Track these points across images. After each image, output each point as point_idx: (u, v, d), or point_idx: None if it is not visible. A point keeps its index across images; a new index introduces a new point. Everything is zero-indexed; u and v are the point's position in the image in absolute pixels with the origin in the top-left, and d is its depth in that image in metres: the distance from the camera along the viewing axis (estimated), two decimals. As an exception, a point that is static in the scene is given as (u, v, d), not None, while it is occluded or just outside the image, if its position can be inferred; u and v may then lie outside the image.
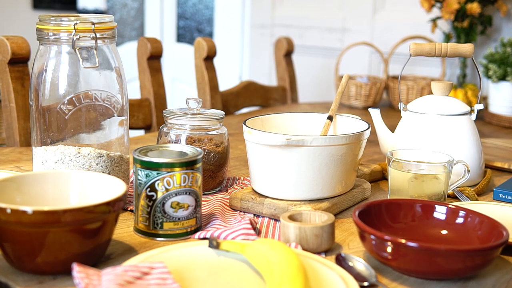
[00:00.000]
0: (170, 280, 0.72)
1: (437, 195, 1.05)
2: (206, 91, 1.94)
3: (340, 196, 1.04)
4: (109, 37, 1.00)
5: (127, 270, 0.73)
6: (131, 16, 4.01)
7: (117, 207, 0.79)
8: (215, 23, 3.41)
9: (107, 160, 1.01)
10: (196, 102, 1.13)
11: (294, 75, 2.33)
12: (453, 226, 0.90)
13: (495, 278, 0.83)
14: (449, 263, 0.78)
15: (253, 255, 0.78)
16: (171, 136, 1.12)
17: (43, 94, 0.99)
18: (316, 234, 0.87)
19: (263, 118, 1.13)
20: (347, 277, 0.76)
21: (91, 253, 0.79)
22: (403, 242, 0.78)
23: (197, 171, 0.91)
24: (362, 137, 1.03)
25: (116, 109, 1.02)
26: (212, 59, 1.97)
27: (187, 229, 0.91)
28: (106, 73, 1.01)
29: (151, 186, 0.89)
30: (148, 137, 1.58)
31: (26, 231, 0.74)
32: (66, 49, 0.98)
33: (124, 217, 0.99)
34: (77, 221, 0.75)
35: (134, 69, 1.90)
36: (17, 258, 0.77)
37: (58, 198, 0.87)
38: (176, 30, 3.66)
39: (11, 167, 1.23)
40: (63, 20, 0.97)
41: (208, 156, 1.10)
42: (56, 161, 1.00)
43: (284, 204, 1.00)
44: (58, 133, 1.00)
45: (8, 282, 0.76)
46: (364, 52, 2.63)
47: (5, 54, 1.39)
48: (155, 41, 1.78)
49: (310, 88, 2.85)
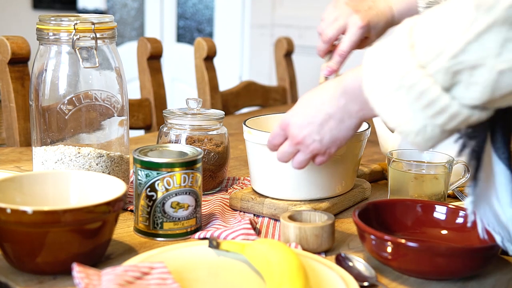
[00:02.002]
0: (170, 280, 0.72)
1: (437, 195, 1.05)
2: (206, 91, 1.94)
3: (340, 196, 1.04)
4: (109, 37, 1.00)
5: (127, 270, 0.73)
6: (131, 16, 4.01)
7: (117, 207, 0.79)
8: (215, 23, 3.42)
9: (107, 160, 1.01)
10: (196, 102, 1.13)
11: (294, 75, 2.33)
12: (453, 226, 0.90)
13: (495, 278, 0.83)
14: (449, 263, 0.78)
15: (253, 255, 0.78)
16: (171, 136, 1.12)
17: (43, 94, 0.99)
18: (316, 234, 0.87)
19: (263, 118, 1.13)
20: (347, 277, 0.76)
21: (91, 253, 0.79)
22: (403, 242, 0.78)
23: (197, 171, 0.91)
24: (362, 137, 1.03)
25: (116, 109, 1.02)
26: (212, 59, 1.97)
27: (187, 229, 0.91)
28: (106, 73, 1.01)
29: (151, 186, 0.89)
30: (148, 137, 1.58)
31: (26, 231, 0.74)
32: (66, 49, 0.98)
33: (124, 217, 0.99)
34: (77, 221, 0.75)
35: (134, 69, 1.90)
36: (17, 258, 0.77)
37: (58, 198, 0.87)
38: (176, 30, 3.66)
39: (11, 167, 1.23)
40: (63, 20, 0.97)
41: (208, 156, 1.10)
42: (56, 161, 1.00)
43: (284, 204, 1.00)
44: (58, 133, 1.00)
45: (8, 282, 0.76)
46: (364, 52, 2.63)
47: (5, 54, 1.39)
48: (155, 41, 1.78)
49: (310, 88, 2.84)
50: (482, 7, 0.60)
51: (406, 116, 0.67)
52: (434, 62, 0.64)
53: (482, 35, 0.60)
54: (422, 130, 0.67)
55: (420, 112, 0.66)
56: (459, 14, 0.62)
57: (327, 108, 0.81)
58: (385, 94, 0.68)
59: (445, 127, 0.67)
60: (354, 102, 0.78)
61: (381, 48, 0.70)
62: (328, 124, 0.82)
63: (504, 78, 0.61)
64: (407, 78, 0.66)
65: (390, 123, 0.69)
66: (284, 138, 0.89)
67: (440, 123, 0.66)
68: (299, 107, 0.86)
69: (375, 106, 0.70)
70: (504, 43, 0.60)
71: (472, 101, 0.64)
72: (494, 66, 0.61)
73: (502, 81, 0.62)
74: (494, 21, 0.59)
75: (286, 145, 0.88)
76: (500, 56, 0.60)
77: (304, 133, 0.84)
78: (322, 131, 0.83)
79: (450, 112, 0.65)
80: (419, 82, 0.65)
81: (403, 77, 0.66)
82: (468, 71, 0.62)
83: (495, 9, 0.59)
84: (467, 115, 0.65)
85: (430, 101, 0.65)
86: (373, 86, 0.70)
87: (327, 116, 0.82)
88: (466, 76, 0.63)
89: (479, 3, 0.60)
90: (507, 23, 0.59)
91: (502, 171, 0.74)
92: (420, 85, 0.65)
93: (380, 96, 0.69)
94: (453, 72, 0.63)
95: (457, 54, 0.62)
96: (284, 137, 0.89)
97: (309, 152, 0.86)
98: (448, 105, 0.65)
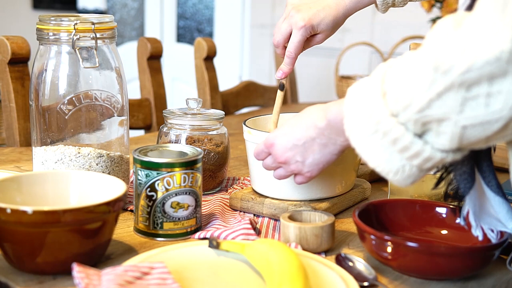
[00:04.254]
0: (170, 280, 0.72)
1: (437, 195, 1.05)
2: (206, 91, 1.94)
3: (340, 196, 1.04)
4: (109, 37, 1.00)
5: (127, 270, 0.73)
6: (131, 16, 4.01)
7: (117, 207, 0.79)
8: (215, 23, 3.42)
9: (107, 160, 1.01)
10: (196, 102, 1.13)
11: (294, 75, 2.33)
12: (453, 226, 0.90)
13: (495, 278, 0.83)
14: (449, 263, 0.78)
15: (253, 255, 0.78)
16: (171, 136, 1.12)
17: (43, 94, 0.99)
18: (316, 234, 0.87)
19: (263, 118, 1.13)
20: (347, 277, 0.76)
21: (91, 253, 0.79)
22: (403, 242, 0.78)
23: (197, 171, 0.91)
24: (362, 137, 1.03)
25: (116, 109, 1.02)
26: (212, 59, 1.97)
27: (187, 229, 0.91)
28: (106, 73, 1.01)
29: (151, 186, 0.89)
30: (148, 137, 1.58)
31: (26, 231, 0.74)
32: (66, 49, 0.98)
33: (124, 217, 0.99)
34: (77, 221, 0.75)
35: (134, 69, 1.90)
36: (17, 258, 0.77)
37: (58, 198, 0.87)
38: (176, 30, 3.66)
39: (11, 167, 1.23)
40: (63, 20, 0.97)
41: (208, 156, 1.10)
42: (56, 161, 1.00)
43: (284, 204, 1.00)
44: (58, 133, 1.00)
45: (8, 282, 0.76)
46: (364, 52, 2.63)
47: (5, 54, 1.39)
48: (155, 41, 1.78)
49: (310, 88, 2.85)
50: (440, 70, 0.62)
51: (383, 158, 0.70)
52: (403, 113, 0.66)
53: (443, 95, 0.62)
54: (401, 169, 0.70)
55: (397, 155, 0.69)
56: (420, 73, 0.64)
57: (311, 133, 0.84)
58: (363, 137, 0.71)
59: (422, 167, 0.69)
60: (338, 134, 0.81)
61: (359, 92, 0.72)
62: (312, 148, 0.85)
63: (468, 131, 0.63)
64: (381, 125, 0.68)
65: (369, 163, 0.72)
66: (268, 155, 0.92)
67: (417, 164, 0.69)
68: (284, 128, 0.89)
69: (355, 145, 0.73)
70: (464, 102, 0.62)
71: (444, 146, 0.66)
72: (458, 121, 0.63)
73: (467, 133, 0.64)
74: (451, 84, 0.61)
75: (269, 161, 0.92)
76: (462, 113, 0.62)
77: (288, 155, 0.87)
78: (305, 154, 0.86)
79: (425, 155, 0.68)
80: (392, 129, 0.68)
81: (378, 123, 0.69)
82: (435, 122, 0.65)
83: (451, 74, 0.61)
84: (442, 157, 0.68)
85: (404, 146, 0.68)
86: (353, 127, 0.72)
87: (311, 140, 0.84)
88: (434, 126, 0.65)
89: (436, 65, 0.62)
90: (464, 86, 0.61)
91: (493, 196, 0.78)
92: (393, 132, 0.68)
93: (359, 137, 0.72)
94: (422, 123, 0.66)
95: (423, 109, 0.64)
96: (267, 154, 0.92)
97: (290, 171, 0.90)
98: (421, 149, 0.67)
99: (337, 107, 0.80)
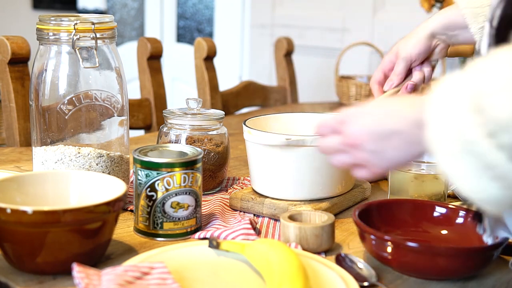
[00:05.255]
0: (170, 280, 0.72)
1: (437, 195, 1.05)
2: (206, 91, 1.94)
3: (340, 196, 1.04)
4: (109, 37, 1.00)
5: (127, 270, 0.73)
6: (131, 16, 4.01)
7: (117, 207, 0.79)
8: (215, 23, 3.42)
9: (107, 160, 1.01)
10: (196, 102, 1.13)
11: (294, 75, 2.33)
12: (453, 226, 0.90)
13: (495, 278, 0.83)
14: (449, 263, 0.78)
15: (253, 255, 0.78)
16: (171, 136, 1.12)
17: (43, 94, 0.99)
18: (316, 234, 0.87)
19: (263, 118, 1.13)
20: (347, 277, 0.76)
21: (91, 253, 0.79)
22: (403, 242, 0.78)
23: (197, 171, 0.91)
24: (362, 137, 1.03)
25: (116, 109, 1.02)
26: (212, 59, 1.97)
27: (187, 229, 0.91)
28: (106, 73, 1.01)
29: (151, 186, 0.89)
30: (148, 137, 1.58)
31: (26, 231, 0.74)
32: (66, 49, 0.98)
33: (124, 217, 0.99)
34: (77, 221, 0.75)
35: (134, 69, 1.90)
36: (17, 258, 0.77)
37: (58, 198, 0.87)
38: (176, 30, 3.66)
39: (11, 167, 1.23)
40: (63, 20, 0.97)
41: (208, 156, 1.10)
42: (56, 161, 1.00)
43: (284, 204, 1.00)
44: (58, 133, 1.00)
45: (8, 282, 0.76)
46: (364, 52, 2.63)
47: (5, 54, 1.39)
48: (155, 41, 1.78)
49: (310, 88, 2.85)
50: None
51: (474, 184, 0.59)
52: (502, 134, 0.55)
53: None
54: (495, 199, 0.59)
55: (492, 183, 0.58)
56: None
57: (398, 125, 0.69)
58: (450, 155, 0.60)
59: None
60: None
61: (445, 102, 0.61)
62: (391, 141, 0.70)
63: None
64: (474, 146, 0.58)
65: (459, 188, 0.61)
66: (333, 132, 0.76)
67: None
68: (367, 108, 0.74)
69: (439, 161, 0.62)
70: None
71: None
72: None
73: None
74: None
75: (336, 141, 0.76)
76: None
77: (364, 139, 0.72)
78: (385, 145, 0.71)
79: None
80: (486, 152, 0.57)
81: (471, 144, 0.58)
82: None
83: None
84: None
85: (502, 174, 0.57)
86: (438, 141, 0.62)
87: (398, 133, 0.69)
88: None
89: None
90: None
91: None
92: (488, 156, 0.57)
93: (444, 155, 0.61)
94: None
95: None
96: (334, 132, 0.76)
97: (355, 159, 0.75)
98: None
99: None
